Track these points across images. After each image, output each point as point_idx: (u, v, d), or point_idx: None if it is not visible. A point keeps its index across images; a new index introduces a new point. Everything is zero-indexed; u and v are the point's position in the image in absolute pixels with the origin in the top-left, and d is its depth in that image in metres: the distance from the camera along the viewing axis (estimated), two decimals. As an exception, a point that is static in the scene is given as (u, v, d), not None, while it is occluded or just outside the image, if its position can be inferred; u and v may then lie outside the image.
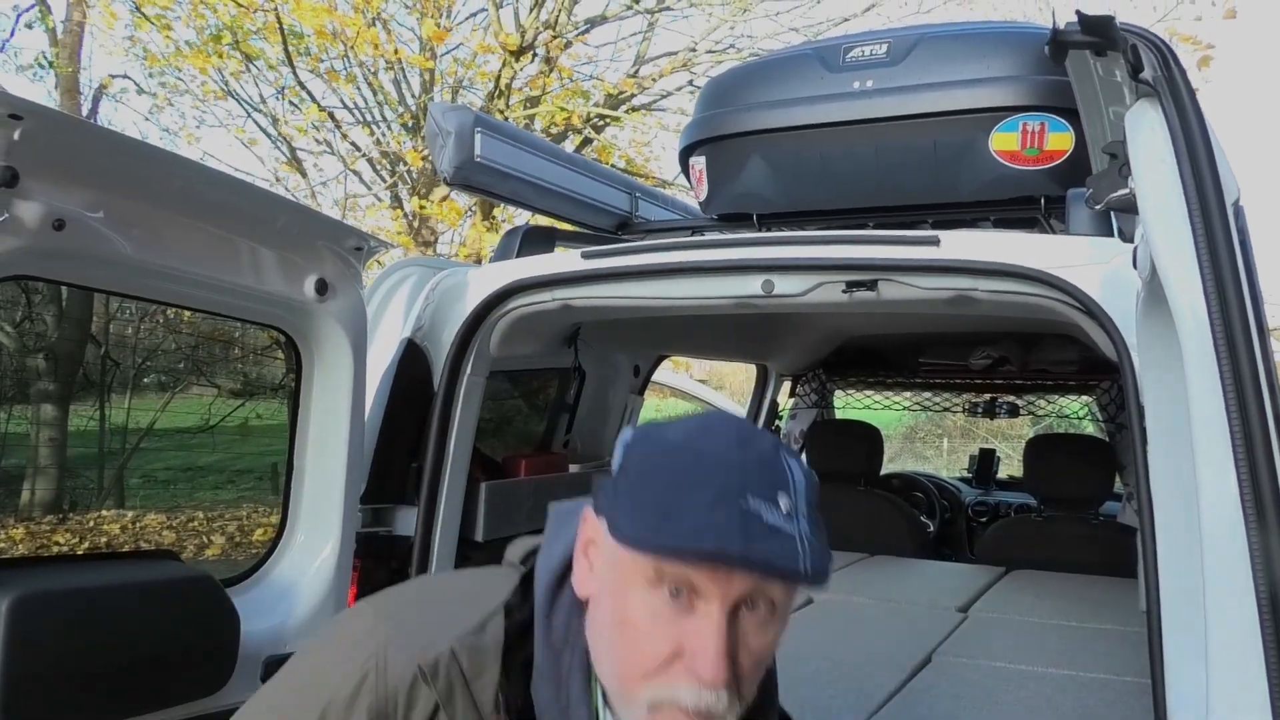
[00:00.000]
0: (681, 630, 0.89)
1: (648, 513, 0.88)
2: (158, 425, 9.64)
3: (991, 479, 5.34)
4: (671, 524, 0.86)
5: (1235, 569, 1.05)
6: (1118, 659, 2.28)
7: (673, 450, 0.92)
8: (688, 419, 0.99)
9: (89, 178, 1.64)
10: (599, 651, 0.96)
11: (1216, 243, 0.95)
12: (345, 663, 0.99)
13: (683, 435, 0.94)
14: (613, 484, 0.94)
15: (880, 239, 2.01)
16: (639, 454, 0.94)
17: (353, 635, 1.01)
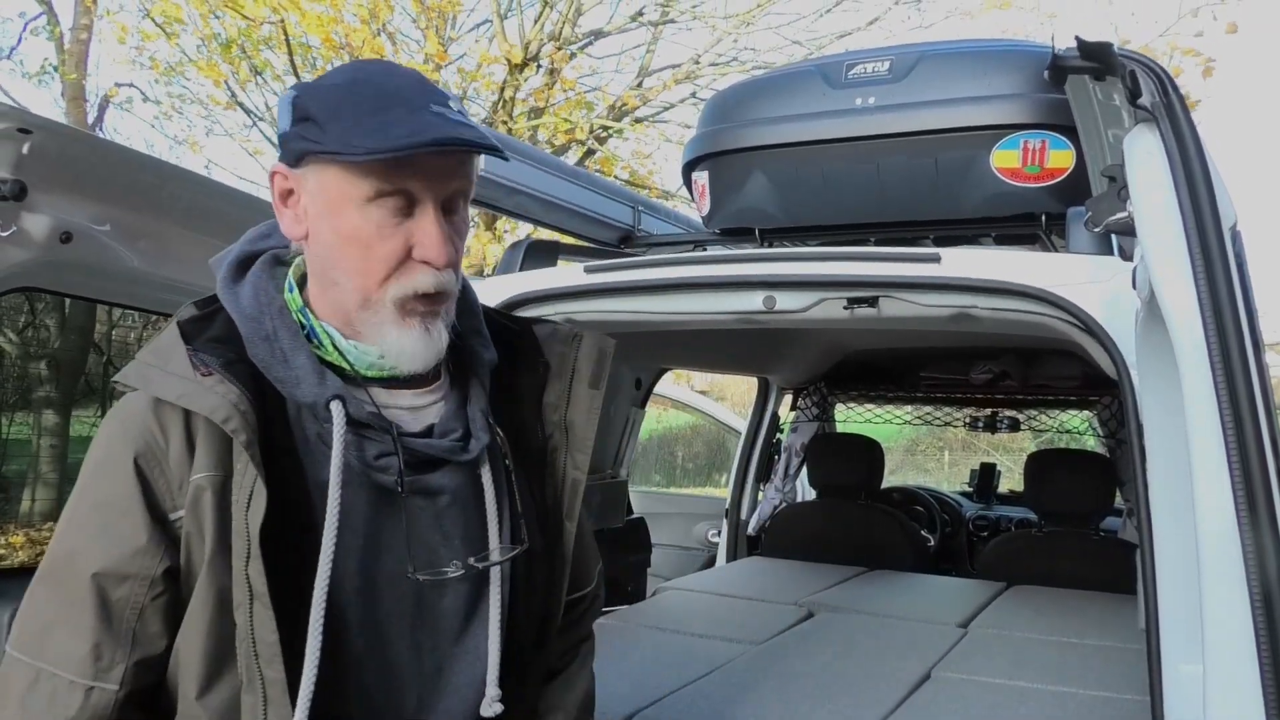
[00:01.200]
0: (408, 232, 1.07)
1: (365, 132, 1.02)
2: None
3: (992, 493, 5.33)
4: (391, 132, 1.01)
5: (1231, 586, 1.06)
6: (1118, 676, 2.28)
7: (350, 86, 1.07)
8: (333, 71, 1.13)
9: (96, 191, 1.67)
10: (327, 283, 1.11)
11: (1214, 269, 0.96)
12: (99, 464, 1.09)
13: (348, 77, 1.09)
14: (307, 129, 1.06)
15: (882, 256, 2.03)
16: (318, 101, 1.06)
17: (99, 443, 1.10)
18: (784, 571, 3.58)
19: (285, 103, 1.10)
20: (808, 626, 2.77)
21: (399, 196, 1.06)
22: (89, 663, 1.04)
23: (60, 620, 1.05)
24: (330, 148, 1.04)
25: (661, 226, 3.17)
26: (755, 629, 2.69)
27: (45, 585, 1.08)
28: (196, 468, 1.06)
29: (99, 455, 1.09)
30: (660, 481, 12.28)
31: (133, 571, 1.05)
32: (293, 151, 1.08)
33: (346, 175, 1.05)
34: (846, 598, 3.15)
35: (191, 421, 1.07)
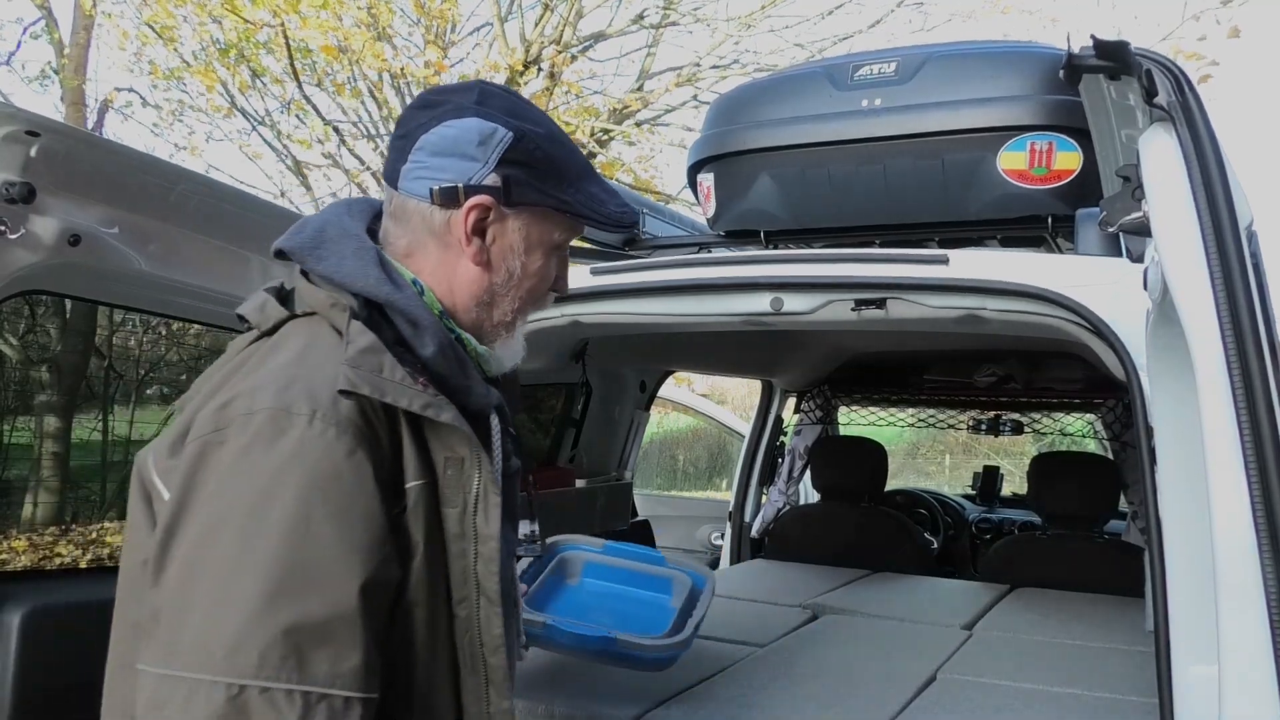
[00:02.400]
0: (556, 271, 1.28)
1: (597, 199, 1.23)
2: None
3: (995, 496, 5.33)
4: (614, 203, 1.24)
5: (1248, 587, 1.05)
6: (1123, 679, 2.27)
7: (556, 141, 1.22)
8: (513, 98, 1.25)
9: (105, 194, 1.66)
10: (485, 301, 1.22)
11: (1230, 268, 0.96)
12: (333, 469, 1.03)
13: (548, 130, 1.23)
14: (535, 176, 1.19)
15: (889, 258, 2.03)
16: (540, 154, 1.19)
17: (299, 449, 1.02)
18: (788, 574, 3.58)
19: (487, 137, 1.17)
20: (813, 628, 2.77)
21: (565, 245, 1.28)
22: (362, 675, 1.00)
23: (320, 638, 0.98)
24: (578, 210, 1.23)
25: (666, 229, 3.16)
26: (760, 631, 2.69)
27: (285, 603, 0.97)
28: (410, 474, 1.09)
29: (320, 462, 1.02)
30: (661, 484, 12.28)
31: (386, 578, 1.05)
32: (515, 195, 1.18)
33: (551, 225, 1.23)
34: (851, 600, 3.15)
35: (398, 424, 1.09)
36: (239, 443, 1.02)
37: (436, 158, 1.17)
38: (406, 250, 1.21)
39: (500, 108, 1.19)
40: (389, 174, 1.21)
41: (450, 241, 1.19)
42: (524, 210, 1.20)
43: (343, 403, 1.05)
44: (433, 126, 1.17)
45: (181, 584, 1.01)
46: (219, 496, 1.02)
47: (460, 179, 1.16)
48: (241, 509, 1.00)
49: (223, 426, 1.05)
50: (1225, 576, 1.17)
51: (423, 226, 1.19)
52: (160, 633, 1.01)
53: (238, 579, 0.98)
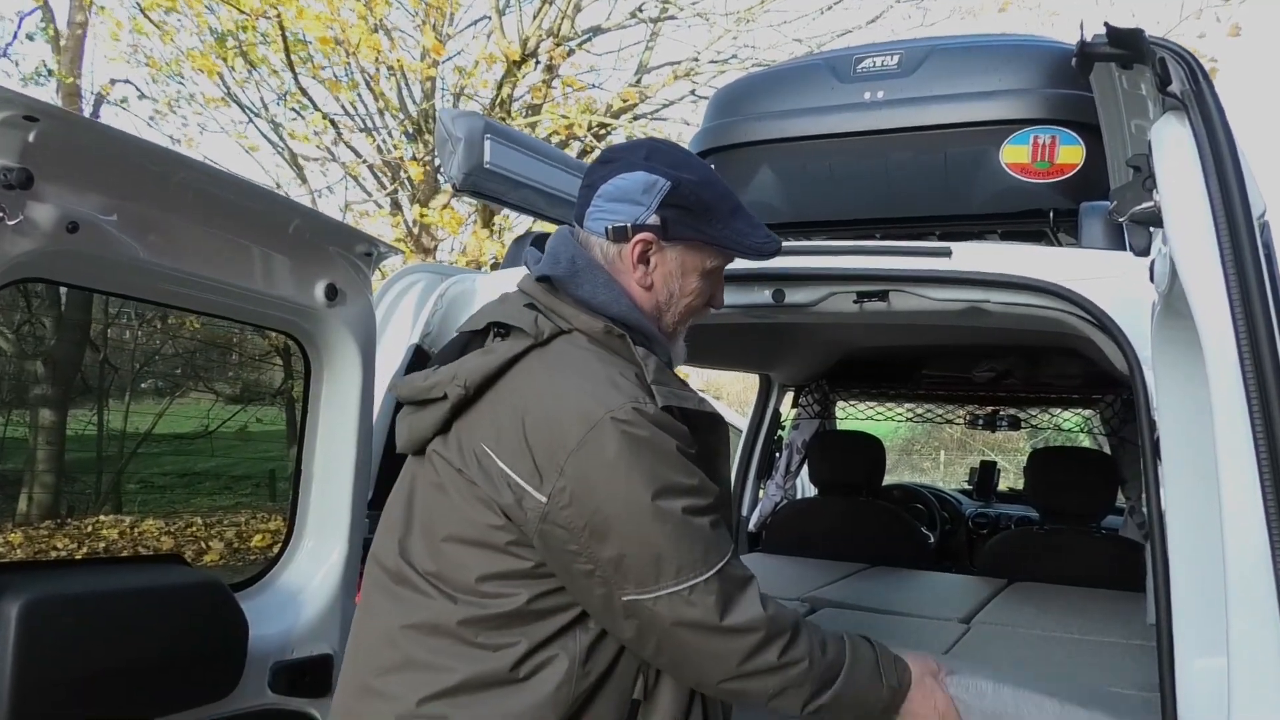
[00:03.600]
0: (714, 289, 1.61)
1: (741, 232, 1.55)
2: (156, 430, 9.63)
3: (992, 491, 5.33)
4: (758, 235, 1.57)
5: (1261, 580, 1.05)
6: (1122, 672, 2.27)
7: (709, 185, 1.53)
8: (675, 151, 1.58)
9: (103, 181, 1.64)
10: (659, 315, 1.55)
11: (1243, 258, 0.95)
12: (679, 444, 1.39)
13: (702, 175, 1.55)
14: (687, 217, 1.51)
15: (892, 250, 2.02)
16: (693, 199, 1.51)
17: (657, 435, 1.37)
18: (785, 568, 3.58)
19: (650, 186, 1.49)
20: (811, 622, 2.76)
21: (720, 271, 1.59)
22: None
23: (726, 527, 1.43)
24: (723, 243, 1.55)
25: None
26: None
27: (706, 517, 1.39)
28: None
29: (670, 432, 1.38)
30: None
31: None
32: (671, 231, 1.50)
33: (703, 255, 1.55)
34: (848, 594, 3.14)
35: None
36: (613, 436, 1.34)
37: (612, 203, 1.50)
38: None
39: (663, 161, 1.51)
40: (577, 215, 1.56)
41: (622, 269, 1.51)
42: (680, 243, 1.52)
43: (655, 408, 1.38)
44: (609, 179, 1.51)
45: (631, 546, 1.35)
46: (626, 486, 1.35)
47: (629, 220, 1.49)
48: (633, 475, 1.34)
49: (596, 424, 1.35)
50: (1236, 569, 1.17)
51: (601, 257, 1.52)
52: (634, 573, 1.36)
53: (664, 520, 1.34)
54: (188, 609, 1.87)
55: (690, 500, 1.38)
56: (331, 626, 2.16)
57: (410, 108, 9.60)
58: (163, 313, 9.28)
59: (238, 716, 1.97)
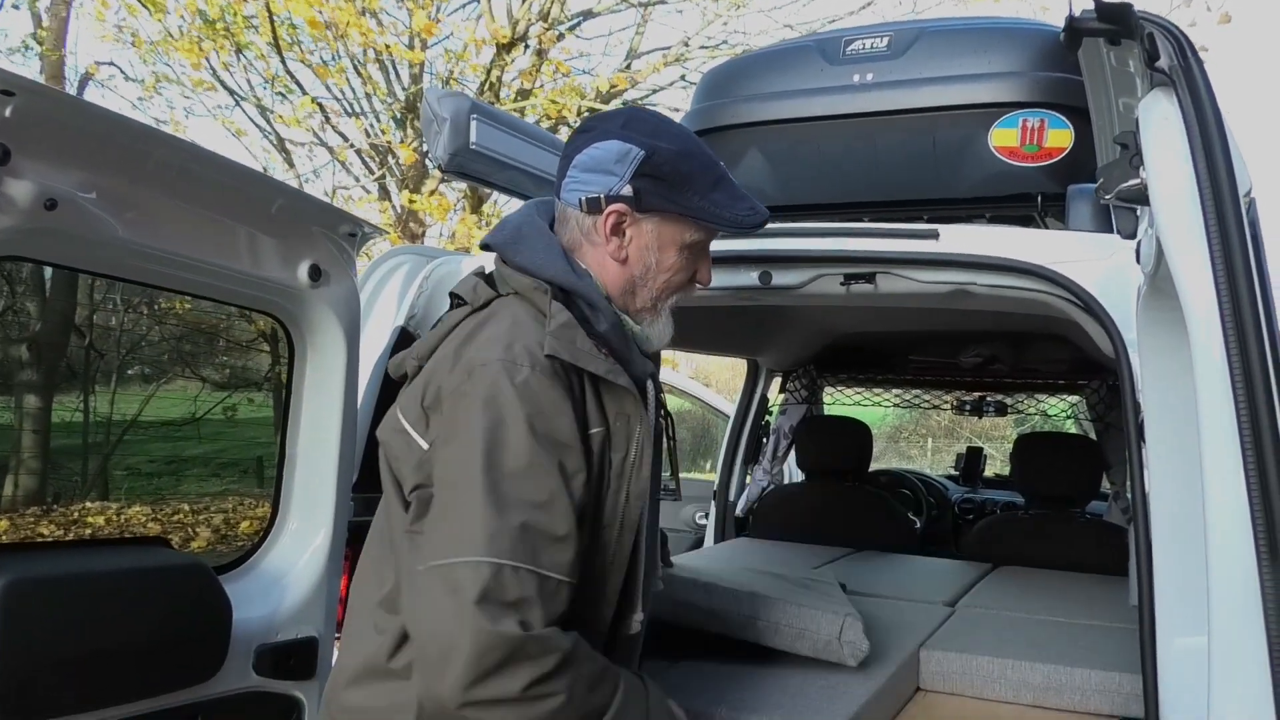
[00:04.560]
0: (696, 265, 1.53)
1: (719, 205, 1.45)
2: (142, 417, 9.57)
3: (978, 477, 5.35)
4: (738, 208, 1.47)
5: (1241, 561, 1.05)
6: (1104, 654, 2.29)
7: (689, 157, 1.45)
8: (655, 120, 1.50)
9: (83, 157, 1.62)
10: (630, 289, 1.49)
11: (1229, 233, 0.95)
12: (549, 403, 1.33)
13: (682, 146, 1.46)
14: (661, 188, 1.43)
15: (879, 232, 2.01)
16: (668, 167, 1.43)
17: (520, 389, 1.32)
18: (772, 552, 3.58)
19: (623, 155, 1.43)
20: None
21: (703, 244, 1.51)
22: (572, 567, 1.31)
23: (548, 537, 1.28)
24: (700, 215, 1.46)
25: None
26: (746, 608, 2.68)
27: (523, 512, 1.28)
28: (592, 422, 1.39)
29: (539, 399, 1.32)
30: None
31: (585, 493, 1.35)
32: (645, 202, 1.44)
33: (681, 228, 1.47)
34: (834, 577, 3.15)
35: (584, 385, 1.39)
36: (479, 391, 1.32)
37: (586, 173, 1.46)
38: (569, 246, 1.49)
39: (640, 129, 1.45)
40: (556, 187, 1.51)
41: (597, 241, 1.47)
42: (655, 215, 1.46)
43: (550, 364, 1.34)
44: (584, 148, 1.46)
45: (446, 502, 1.32)
46: (459, 427, 1.33)
47: (602, 190, 1.44)
48: (478, 434, 1.30)
49: (464, 382, 1.35)
50: (1217, 550, 1.17)
51: (577, 229, 1.48)
52: (428, 543, 1.33)
53: (478, 488, 1.27)
54: (171, 591, 1.85)
55: (509, 484, 1.29)
56: (316, 609, 2.15)
57: (398, 92, 9.54)
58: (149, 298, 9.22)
59: (222, 698, 1.96)
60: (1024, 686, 2.25)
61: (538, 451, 1.31)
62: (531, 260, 1.45)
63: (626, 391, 1.41)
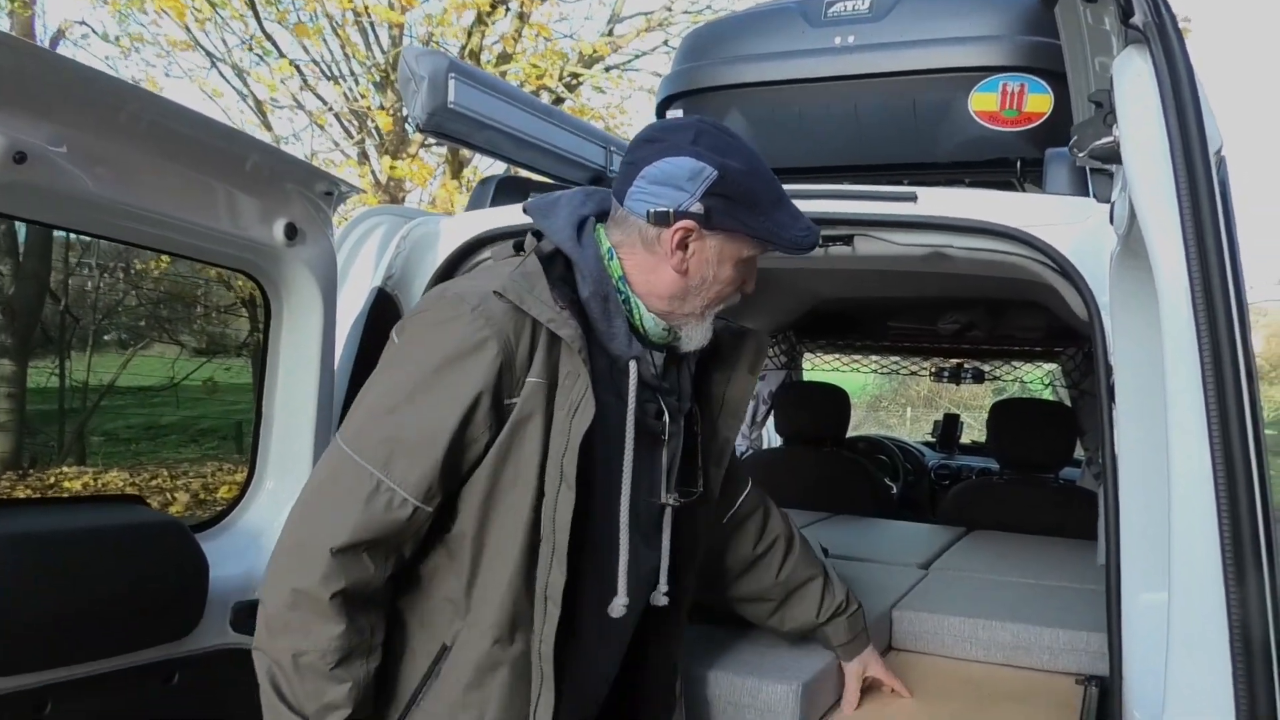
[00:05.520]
0: (745, 276, 1.56)
1: (780, 225, 1.50)
2: (120, 383, 9.50)
3: (955, 443, 5.41)
4: (797, 227, 1.51)
5: (1202, 516, 1.07)
6: (1073, 614, 2.33)
7: (754, 175, 1.49)
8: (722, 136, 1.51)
9: (53, 110, 1.60)
10: (679, 296, 1.53)
11: (1198, 189, 0.95)
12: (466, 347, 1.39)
13: (748, 164, 1.49)
14: (733, 208, 1.47)
15: (858, 194, 2.02)
16: (737, 187, 1.46)
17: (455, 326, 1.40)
18: (750, 517, 3.61)
19: (696, 174, 1.45)
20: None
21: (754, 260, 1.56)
22: (422, 490, 1.39)
23: (409, 451, 1.38)
24: (763, 235, 1.50)
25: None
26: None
27: (398, 420, 1.39)
28: (534, 372, 1.42)
29: (461, 339, 1.39)
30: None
31: (477, 437, 1.41)
32: (713, 220, 1.47)
33: (742, 244, 1.51)
34: (811, 542, 3.18)
35: (537, 335, 1.42)
36: (431, 314, 1.44)
37: (655, 185, 1.47)
38: (617, 243, 1.53)
39: (710, 146, 1.47)
40: (617, 191, 1.53)
41: (658, 250, 1.50)
42: (720, 232, 1.49)
43: (496, 302, 1.40)
44: (655, 160, 1.48)
45: (362, 393, 1.47)
46: (403, 347, 1.45)
47: (672, 205, 1.46)
48: (408, 353, 1.44)
49: (426, 306, 1.48)
50: (1180, 508, 1.19)
51: (637, 235, 1.51)
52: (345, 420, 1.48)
53: (377, 399, 1.42)
54: (146, 548, 1.85)
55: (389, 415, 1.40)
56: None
57: (378, 55, 9.42)
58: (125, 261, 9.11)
59: (200, 655, 1.97)
60: (994, 646, 2.28)
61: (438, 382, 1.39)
62: (548, 226, 1.53)
63: (568, 348, 1.43)
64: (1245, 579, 1.08)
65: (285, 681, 1.37)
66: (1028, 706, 2.06)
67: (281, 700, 1.36)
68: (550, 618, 1.46)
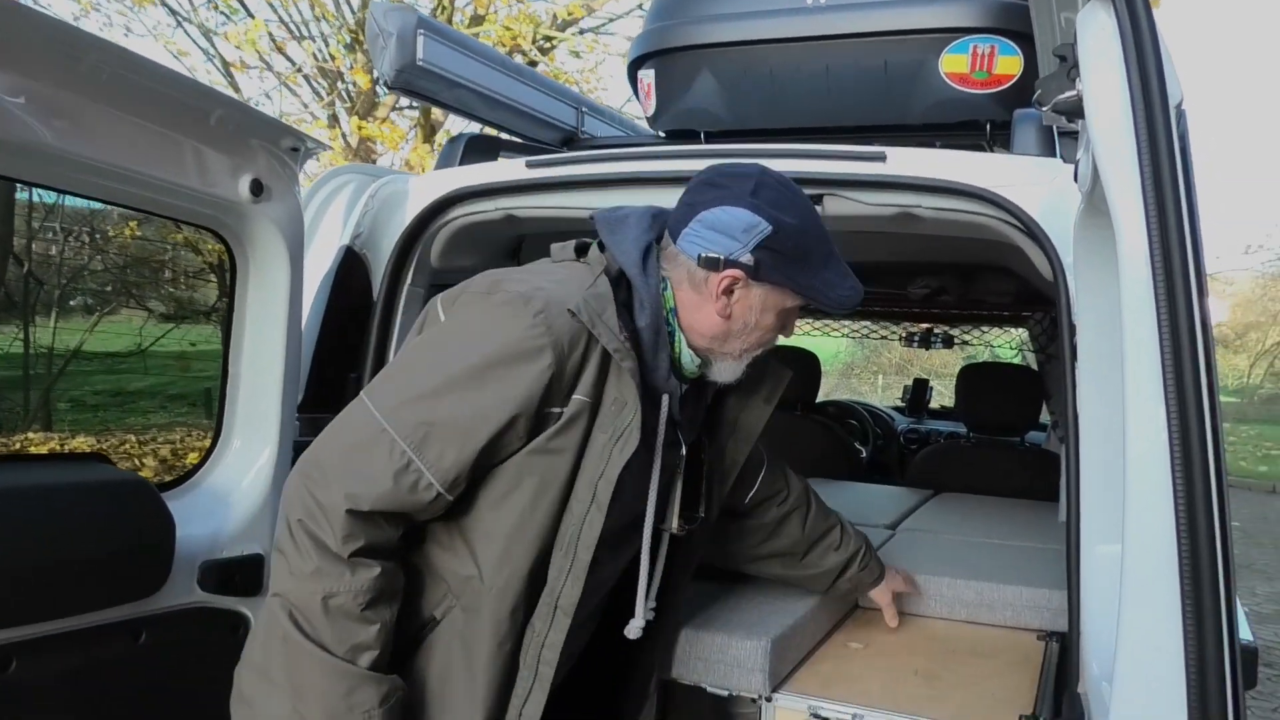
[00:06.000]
0: (785, 324, 1.61)
1: (828, 284, 1.54)
2: (86, 348, 9.37)
3: (924, 408, 5.46)
4: (844, 287, 1.55)
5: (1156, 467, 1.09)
6: (1035, 572, 2.37)
7: (806, 234, 1.53)
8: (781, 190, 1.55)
9: (11, 60, 1.56)
10: (721, 339, 1.57)
11: (1158, 140, 0.96)
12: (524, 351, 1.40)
13: (802, 221, 1.53)
14: (780, 261, 1.51)
15: (827, 154, 2.02)
16: (790, 243, 1.51)
17: (516, 326, 1.40)
18: (721, 479, 3.63)
19: (751, 227, 1.49)
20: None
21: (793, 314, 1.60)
22: (450, 478, 1.40)
23: (444, 439, 1.39)
24: (809, 294, 1.55)
25: (605, 129, 3.11)
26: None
27: (440, 406, 1.39)
28: (581, 389, 1.44)
29: (519, 342, 1.40)
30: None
31: (513, 441, 1.43)
32: (761, 274, 1.51)
33: (787, 297, 1.55)
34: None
35: (590, 352, 1.44)
36: (489, 303, 1.44)
37: (709, 231, 1.51)
38: (668, 275, 1.57)
39: (768, 200, 1.51)
40: (673, 228, 1.57)
41: (704, 291, 1.54)
42: (766, 284, 1.53)
43: (563, 319, 1.41)
44: (712, 206, 1.52)
45: (402, 360, 1.50)
46: (453, 329, 1.46)
47: (723, 253, 1.50)
48: (459, 338, 1.44)
49: (490, 291, 1.46)
50: (1135, 460, 1.21)
51: (685, 273, 1.55)
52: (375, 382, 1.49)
53: (421, 377, 1.42)
54: (111, 506, 1.84)
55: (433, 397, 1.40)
56: (262, 527, 2.14)
57: (348, 15, 9.26)
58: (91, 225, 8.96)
59: (167, 614, 1.96)
60: (958, 603, 2.32)
61: (485, 376, 1.39)
62: (617, 245, 1.55)
63: (628, 378, 1.46)
64: (1196, 529, 1.10)
65: (308, 623, 1.37)
66: (991, 662, 2.11)
67: (306, 637, 1.36)
68: (558, 626, 1.50)
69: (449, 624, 1.50)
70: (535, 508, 1.47)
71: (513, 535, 1.47)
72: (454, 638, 1.50)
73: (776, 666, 1.96)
